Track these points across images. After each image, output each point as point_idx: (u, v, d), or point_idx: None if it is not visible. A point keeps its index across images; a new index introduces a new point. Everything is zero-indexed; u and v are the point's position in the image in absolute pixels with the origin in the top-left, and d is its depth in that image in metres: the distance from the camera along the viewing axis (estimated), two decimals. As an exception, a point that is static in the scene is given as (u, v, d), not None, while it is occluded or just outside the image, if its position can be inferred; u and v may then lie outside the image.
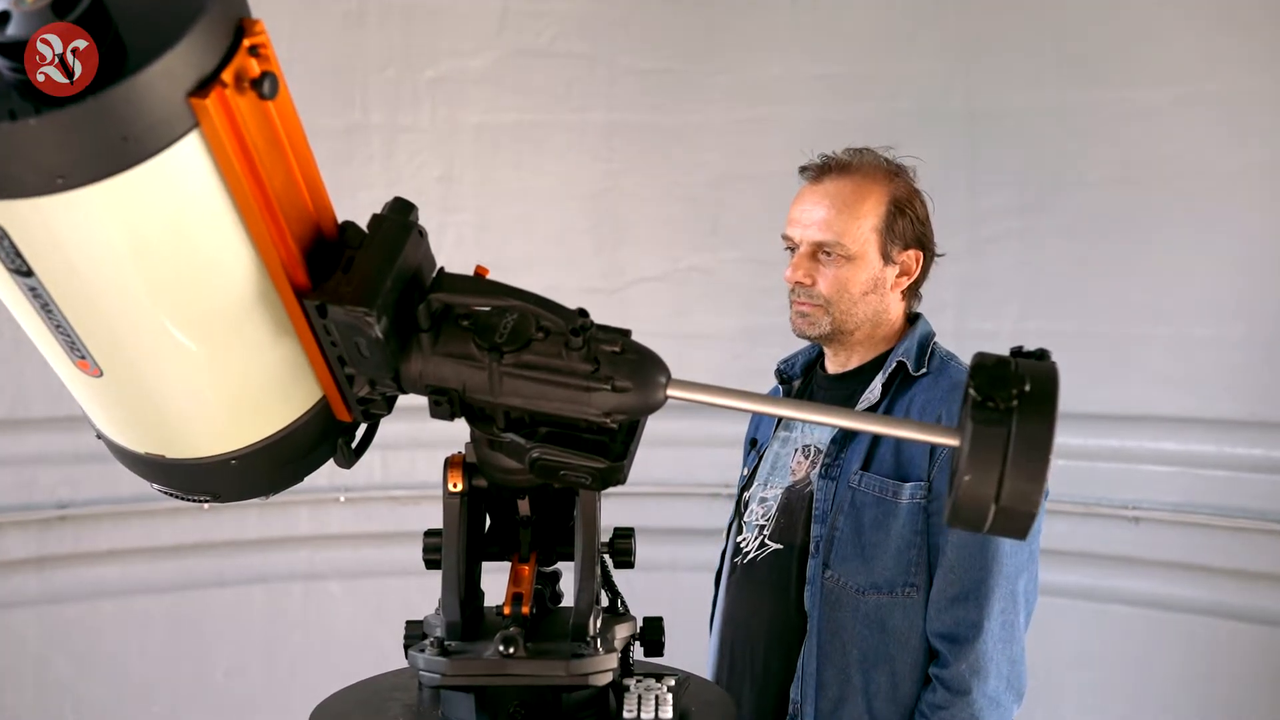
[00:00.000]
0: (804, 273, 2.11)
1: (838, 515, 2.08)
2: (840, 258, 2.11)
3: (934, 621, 2.05)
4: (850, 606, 2.06)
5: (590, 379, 1.18)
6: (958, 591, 2.03)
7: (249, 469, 1.27)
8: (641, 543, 3.38)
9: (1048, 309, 3.46)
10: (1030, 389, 1.05)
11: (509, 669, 1.24)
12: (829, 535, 2.07)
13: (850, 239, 2.10)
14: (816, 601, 2.07)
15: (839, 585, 2.07)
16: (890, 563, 2.05)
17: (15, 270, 1.04)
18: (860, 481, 2.08)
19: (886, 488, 2.06)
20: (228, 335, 1.16)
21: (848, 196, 2.12)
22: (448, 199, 3.67)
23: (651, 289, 3.74)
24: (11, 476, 3.38)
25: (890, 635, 2.06)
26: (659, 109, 3.67)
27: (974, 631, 2.02)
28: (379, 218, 1.21)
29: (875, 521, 2.06)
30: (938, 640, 2.05)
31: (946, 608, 2.04)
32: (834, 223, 2.11)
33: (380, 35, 3.61)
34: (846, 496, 2.08)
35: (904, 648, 2.06)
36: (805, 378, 2.29)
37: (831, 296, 2.11)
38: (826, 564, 2.07)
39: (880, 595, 2.06)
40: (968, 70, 3.48)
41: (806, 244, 2.13)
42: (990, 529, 1.08)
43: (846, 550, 2.07)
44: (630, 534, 1.43)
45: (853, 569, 2.06)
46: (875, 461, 2.08)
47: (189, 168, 1.01)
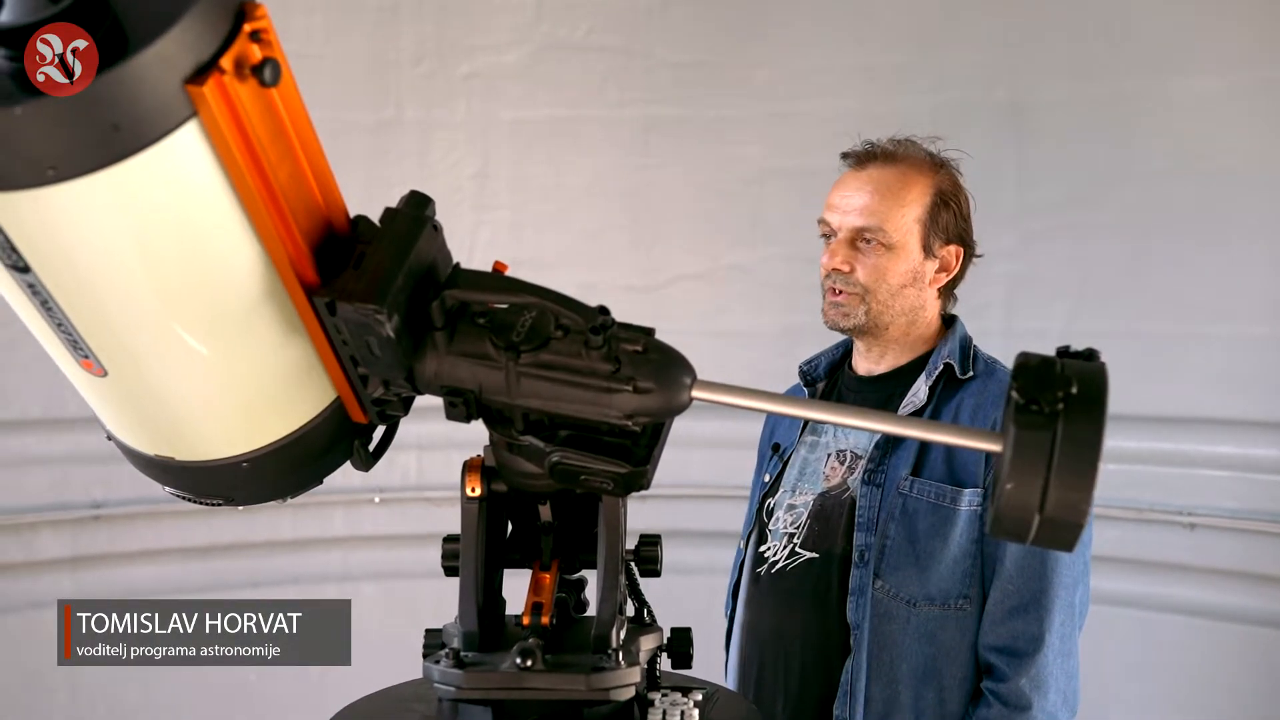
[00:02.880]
0: (842, 259, 2.04)
1: (888, 523, 2.01)
2: (880, 245, 2.04)
3: (989, 635, 1.98)
4: (901, 619, 1.99)
5: (611, 380, 1.14)
6: (1016, 603, 1.96)
7: (261, 472, 1.23)
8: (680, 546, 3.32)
9: (1099, 307, 3.38)
10: (1077, 391, 0.99)
11: (526, 682, 1.20)
12: (879, 544, 2.00)
13: (892, 227, 2.04)
14: (865, 613, 2.00)
15: (890, 596, 2.00)
16: (946, 573, 1.99)
17: (12, 266, 1.01)
18: (912, 488, 2.01)
19: (943, 494, 1.99)
20: (235, 334, 1.12)
21: (892, 183, 2.06)
22: (482, 195, 3.64)
23: (690, 287, 3.69)
24: (46, 476, 3.39)
25: (940, 649, 2.00)
26: (696, 102, 3.62)
27: (1034, 645, 1.95)
28: (392, 211, 1.17)
29: (931, 529, 1.99)
30: (993, 654, 1.98)
31: (1003, 620, 1.97)
32: (877, 209, 2.04)
33: (414, 30, 3.59)
34: (897, 503, 2.01)
35: (953, 662, 2.00)
36: (830, 379, 2.23)
37: (869, 285, 2.04)
38: (878, 573, 2.00)
39: (933, 607, 1.99)
40: (1013, 60, 3.41)
41: (846, 230, 2.06)
42: (1034, 540, 1.02)
43: (900, 559, 2.00)
44: (656, 541, 1.38)
45: (907, 579, 1.99)
46: (926, 467, 2.01)
47: (188, 159, 0.97)
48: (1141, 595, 3.31)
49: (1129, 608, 3.28)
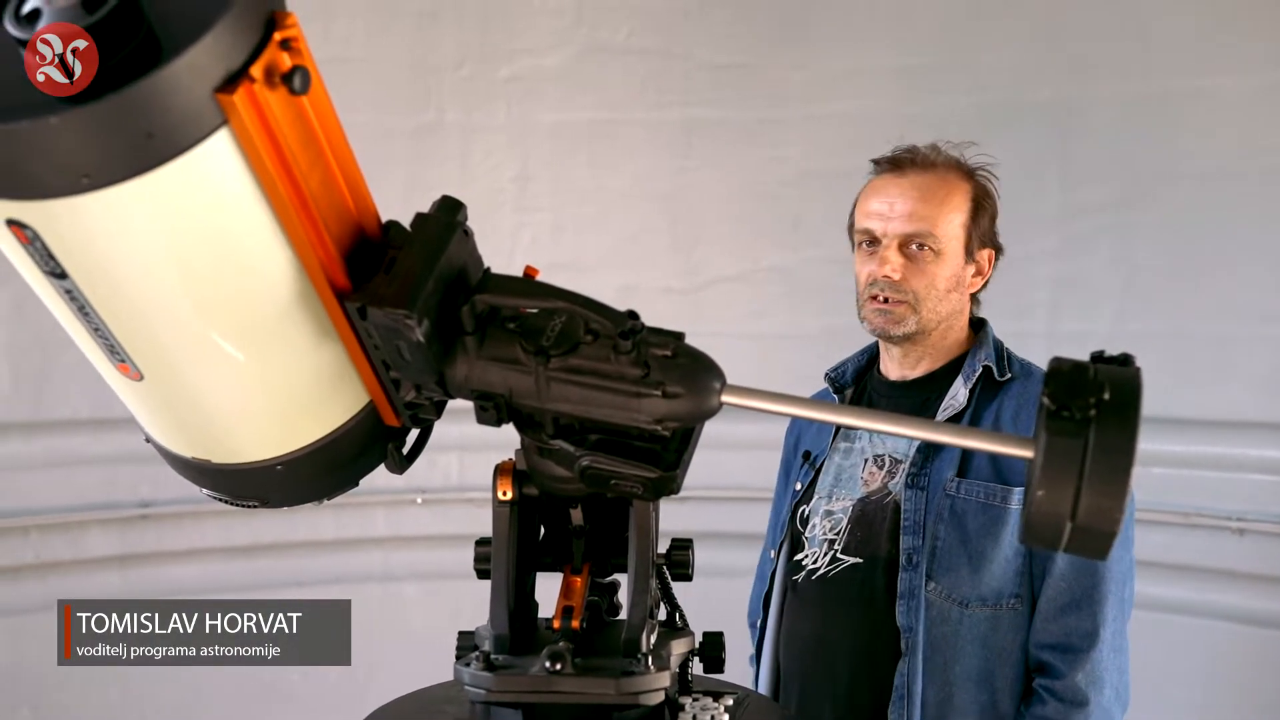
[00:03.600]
0: (893, 266, 2.02)
1: (937, 525, 1.99)
2: (930, 251, 2.03)
3: (1041, 633, 1.98)
4: (954, 621, 1.98)
5: (640, 384, 1.13)
6: (1069, 599, 1.96)
7: (296, 474, 1.24)
8: (718, 548, 3.31)
9: (1145, 309, 3.34)
10: (1110, 397, 0.97)
11: (555, 686, 1.20)
12: (930, 546, 1.99)
13: (941, 232, 2.03)
14: (918, 616, 1.99)
15: (943, 598, 1.99)
16: (998, 573, 1.98)
17: (50, 272, 1.02)
18: (959, 489, 1.99)
19: (993, 493, 1.98)
20: (268, 339, 1.13)
21: (936, 189, 2.05)
22: (523, 198, 3.65)
23: (729, 289, 3.69)
24: (95, 476, 3.45)
25: (992, 650, 1.99)
26: (735, 105, 3.62)
27: (1089, 640, 1.95)
28: (423, 216, 1.17)
29: (982, 529, 1.98)
30: (1046, 652, 1.97)
31: (1056, 617, 1.97)
32: (926, 214, 2.03)
33: (455, 34, 3.61)
34: (944, 505, 1.99)
35: (1005, 663, 1.99)
36: (858, 384, 2.21)
37: (920, 293, 2.03)
38: (930, 575, 1.99)
39: (985, 609, 1.98)
40: (1056, 59, 3.37)
41: (894, 237, 2.04)
42: (1067, 548, 1.00)
43: (952, 560, 1.99)
44: (688, 545, 1.38)
45: (960, 580, 1.98)
46: (972, 468, 2.00)
47: (219, 166, 0.98)
48: (1189, 601, 3.27)
49: (1176, 614, 3.24)
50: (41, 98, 0.94)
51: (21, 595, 3.46)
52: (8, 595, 3.45)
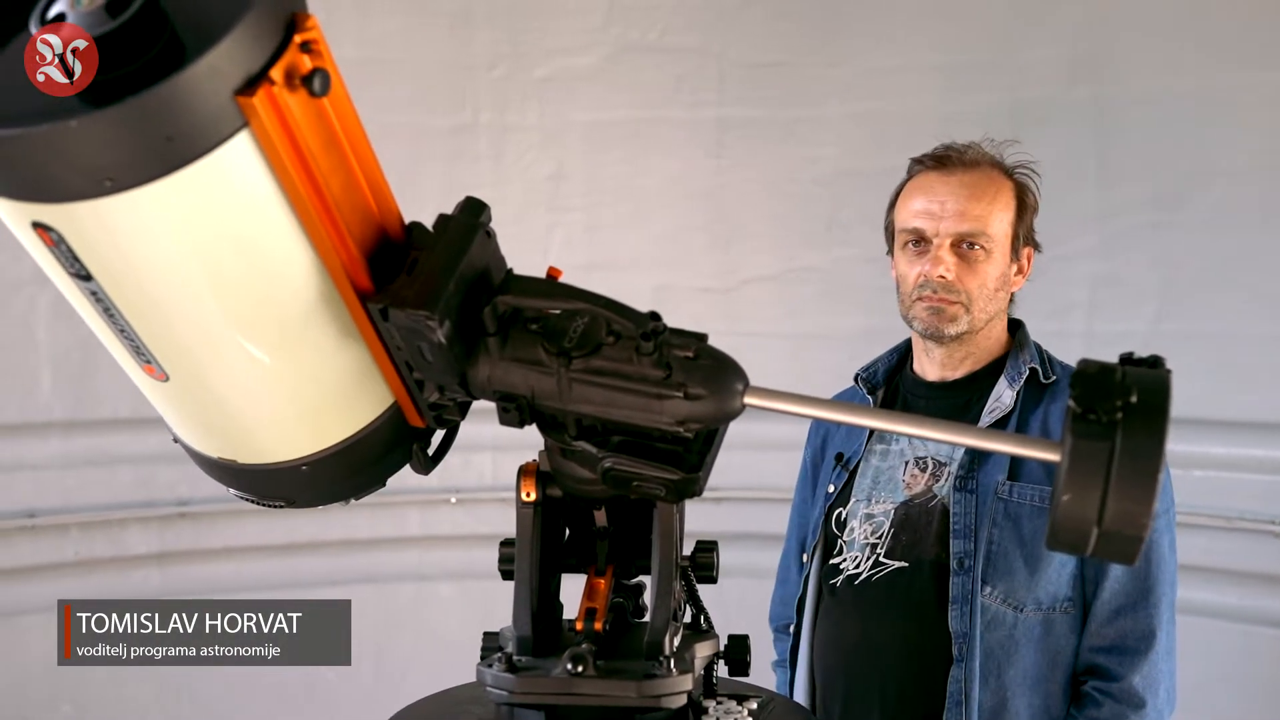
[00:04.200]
0: (947, 266, 2.00)
1: (991, 529, 1.97)
2: (982, 250, 2.01)
3: (1095, 636, 1.96)
4: (1008, 625, 1.97)
5: (662, 386, 1.13)
6: (1124, 602, 1.95)
7: (321, 475, 1.25)
8: (753, 549, 3.28)
9: (1186, 309, 3.29)
10: (1137, 400, 0.96)
11: (577, 688, 1.20)
12: (986, 550, 1.97)
13: (993, 230, 2.02)
14: (972, 621, 1.96)
15: (997, 602, 1.97)
16: (1054, 576, 1.96)
17: (75, 274, 1.03)
18: (1011, 492, 1.98)
19: (1048, 495, 1.95)
20: (291, 340, 1.13)
21: (985, 187, 2.03)
22: (557, 198, 3.65)
23: (765, 288, 3.67)
24: (134, 474, 3.49)
25: (1046, 654, 1.97)
26: (771, 103, 3.59)
27: (1146, 642, 1.94)
28: (446, 218, 1.17)
29: (1038, 532, 1.95)
30: (1100, 655, 1.96)
31: (1110, 619, 1.95)
32: (979, 213, 2.01)
33: (488, 34, 3.62)
34: (997, 508, 1.97)
35: (1057, 667, 1.98)
36: (889, 385, 2.19)
37: (973, 292, 2.01)
38: (985, 580, 1.97)
39: (1040, 612, 1.97)
40: (1096, 55, 3.33)
41: (946, 235, 2.01)
42: (1094, 552, 0.99)
43: (1008, 564, 1.97)
44: (712, 547, 1.37)
45: (1016, 584, 1.96)
46: (1024, 471, 1.98)
47: (240, 168, 0.99)
48: (1231, 606, 3.22)
49: (1216, 618, 3.19)
50: (64, 102, 0.95)
51: (63, 592, 3.49)
52: (50, 592, 3.49)
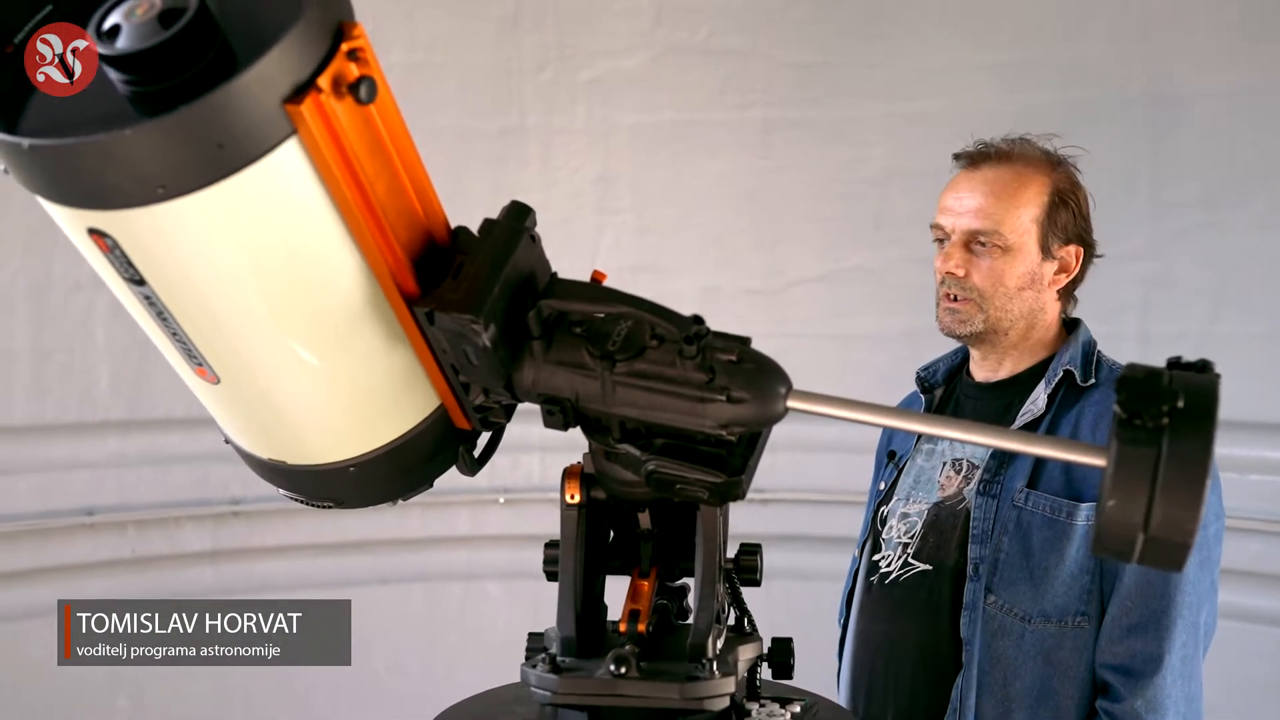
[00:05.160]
0: (956, 262, 1.98)
1: (1002, 536, 1.94)
2: (996, 248, 1.98)
3: (1105, 653, 1.90)
4: (1015, 635, 1.93)
5: (705, 389, 1.13)
6: (1134, 621, 1.88)
7: (369, 476, 1.26)
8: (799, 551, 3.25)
9: (1240, 309, 3.24)
10: (1185, 405, 0.95)
11: (620, 689, 1.20)
12: (993, 558, 1.94)
13: (1009, 228, 1.98)
14: (977, 629, 1.94)
15: (1003, 612, 1.93)
16: (1061, 589, 1.91)
17: (129, 279, 1.06)
18: (1027, 500, 1.94)
19: (1059, 508, 1.92)
20: (340, 342, 1.15)
21: (1008, 183, 1.99)
22: (605, 200, 3.67)
23: (812, 289, 3.66)
24: (189, 473, 3.54)
25: (1056, 668, 1.92)
26: (818, 103, 3.59)
27: (1153, 666, 1.87)
28: (491, 222, 1.18)
29: (1046, 544, 1.92)
30: (1109, 673, 1.90)
31: (1121, 638, 1.89)
32: (992, 210, 1.98)
33: (535, 38, 3.64)
34: (1011, 516, 1.94)
35: (1070, 681, 1.92)
36: (948, 385, 2.17)
37: (986, 290, 1.98)
38: (989, 588, 1.94)
39: (1049, 624, 1.92)
40: (1148, 53, 3.29)
41: (960, 233, 1.99)
42: (1140, 559, 0.98)
43: (1013, 574, 1.93)
44: (756, 550, 1.36)
45: (1020, 595, 1.92)
46: (1043, 479, 1.94)
47: (289, 175, 1.00)
48: (1281, 612, 3.17)
49: (1269, 625, 3.13)
50: (119, 111, 0.97)
51: (120, 589, 3.57)
52: (108, 589, 3.56)
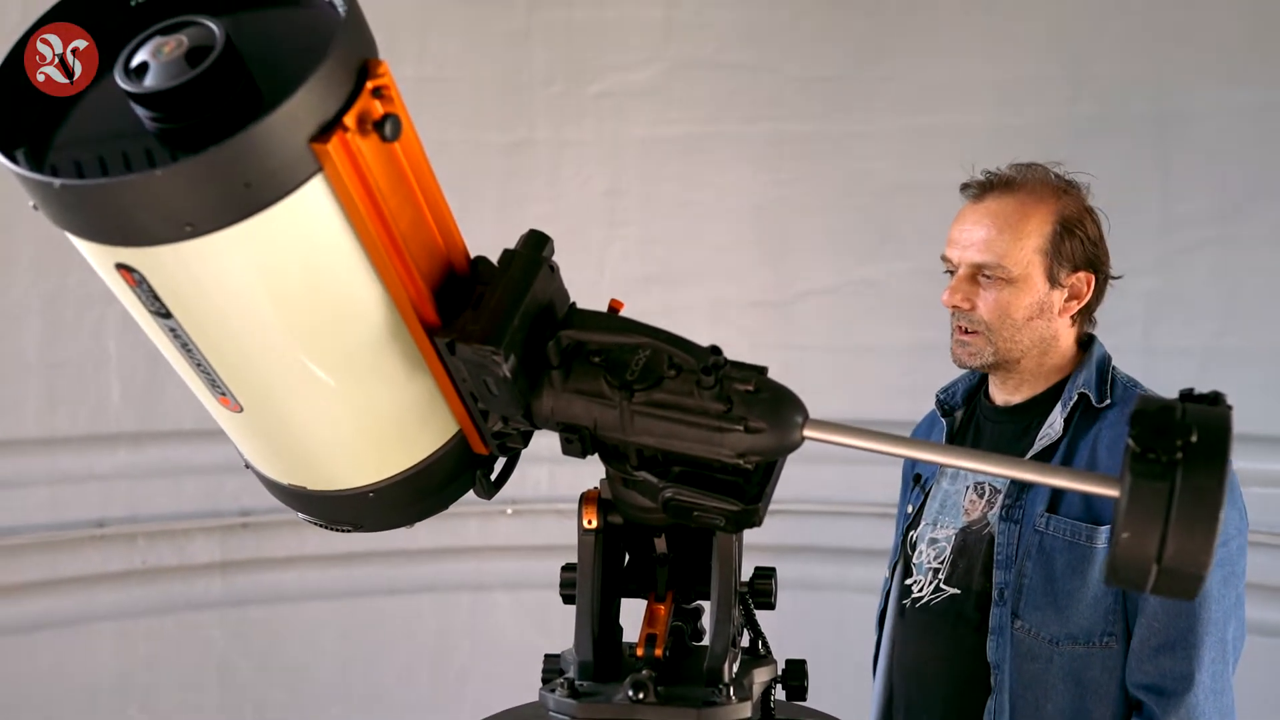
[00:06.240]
0: (962, 296, 2.00)
1: (1025, 561, 1.96)
2: (1001, 280, 1.99)
3: (1136, 673, 1.92)
4: (1044, 658, 1.94)
5: (723, 419, 1.14)
6: (1163, 641, 1.90)
7: (388, 501, 1.28)
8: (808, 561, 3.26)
9: (1246, 325, 3.24)
10: (1198, 439, 0.96)
11: (638, 714, 1.21)
12: (1017, 583, 1.96)
13: (1012, 261, 1.98)
14: (1006, 653, 1.96)
15: (1030, 635, 1.95)
16: (1086, 612, 1.93)
17: (155, 312, 1.07)
18: (1048, 525, 1.95)
19: (1079, 531, 1.93)
20: (362, 373, 1.16)
21: (1010, 215, 2.00)
22: (614, 213, 3.67)
23: (819, 302, 3.67)
24: (199, 485, 3.55)
25: (1087, 689, 1.93)
26: (826, 118, 3.60)
27: (1184, 684, 1.88)
28: (510, 253, 1.19)
29: (1068, 568, 1.93)
30: (1142, 692, 1.92)
31: (1150, 658, 1.91)
32: (995, 243, 1.99)
33: (545, 51, 3.65)
34: (1034, 541, 1.96)
35: (1102, 702, 1.93)
36: (968, 406, 2.18)
37: (992, 322, 1.99)
38: (1016, 613, 1.95)
39: (1076, 646, 1.94)
40: (1156, 68, 3.29)
41: (965, 266, 2.01)
42: (1154, 589, 0.99)
43: (1038, 598, 1.95)
44: (771, 574, 1.38)
45: (1046, 618, 1.94)
46: (1064, 503, 1.96)
47: (314, 211, 1.02)
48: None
49: (1271, 637, 3.13)
50: (149, 151, 0.99)
51: (130, 600, 3.58)
52: (117, 600, 3.58)
